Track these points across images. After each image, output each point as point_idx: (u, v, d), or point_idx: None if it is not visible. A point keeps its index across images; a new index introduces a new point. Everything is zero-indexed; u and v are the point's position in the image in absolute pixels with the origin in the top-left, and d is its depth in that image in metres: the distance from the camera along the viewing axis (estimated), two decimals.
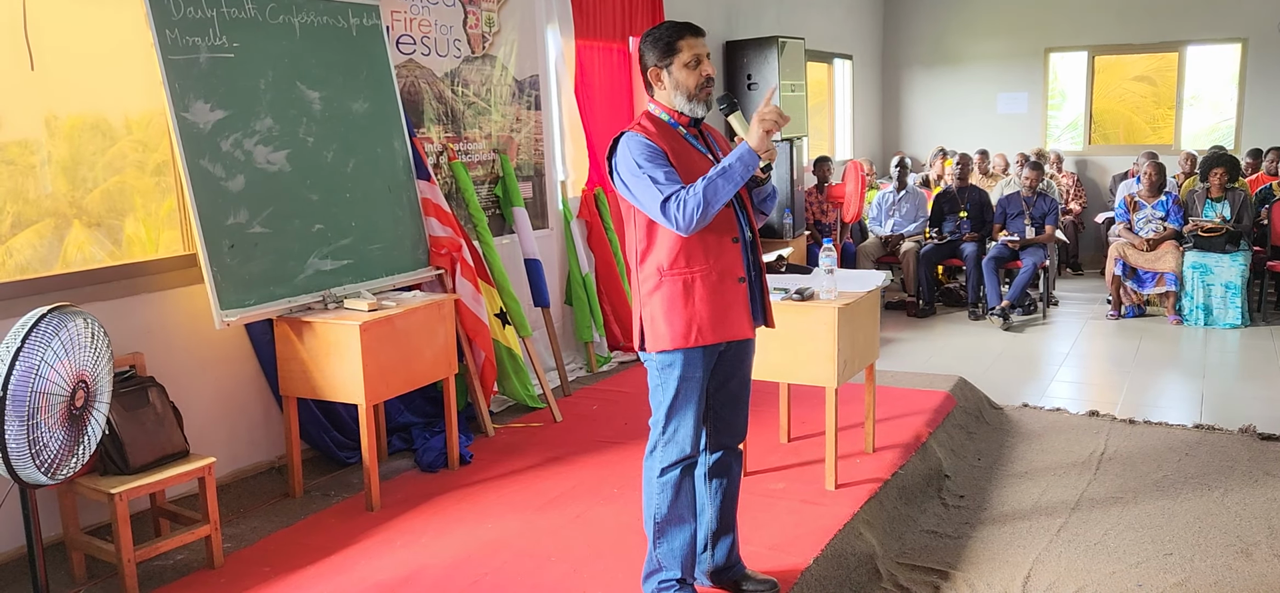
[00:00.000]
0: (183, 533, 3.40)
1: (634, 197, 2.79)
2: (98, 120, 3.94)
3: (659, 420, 2.90)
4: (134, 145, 4.05)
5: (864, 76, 10.73)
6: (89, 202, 3.91)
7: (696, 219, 2.69)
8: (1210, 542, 3.71)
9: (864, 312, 4.02)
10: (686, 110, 2.87)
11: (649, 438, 2.95)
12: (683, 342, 2.81)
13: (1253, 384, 5.83)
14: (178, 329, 3.93)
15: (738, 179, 2.70)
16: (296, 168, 4.05)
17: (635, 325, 2.91)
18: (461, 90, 5.16)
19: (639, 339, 2.90)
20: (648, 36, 2.88)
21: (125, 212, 4.02)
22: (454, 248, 4.64)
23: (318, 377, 3.88)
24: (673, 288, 2.81)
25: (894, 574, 3.52)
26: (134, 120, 4.02)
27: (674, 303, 2.81)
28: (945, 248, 8.09)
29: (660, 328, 2.82)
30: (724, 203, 2.71)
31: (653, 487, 2.94)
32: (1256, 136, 9.40)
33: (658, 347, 2.83)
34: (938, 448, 4.52)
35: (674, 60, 2.83)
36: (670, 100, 2.87)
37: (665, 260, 2.82)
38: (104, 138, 3.96)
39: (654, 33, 2.88)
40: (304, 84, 4.11)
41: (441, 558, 3.44)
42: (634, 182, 2.77)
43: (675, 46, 2.83)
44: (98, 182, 3.93)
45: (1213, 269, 7.23)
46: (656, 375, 2.88)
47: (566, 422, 4.98)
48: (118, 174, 4.01)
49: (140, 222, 4.07)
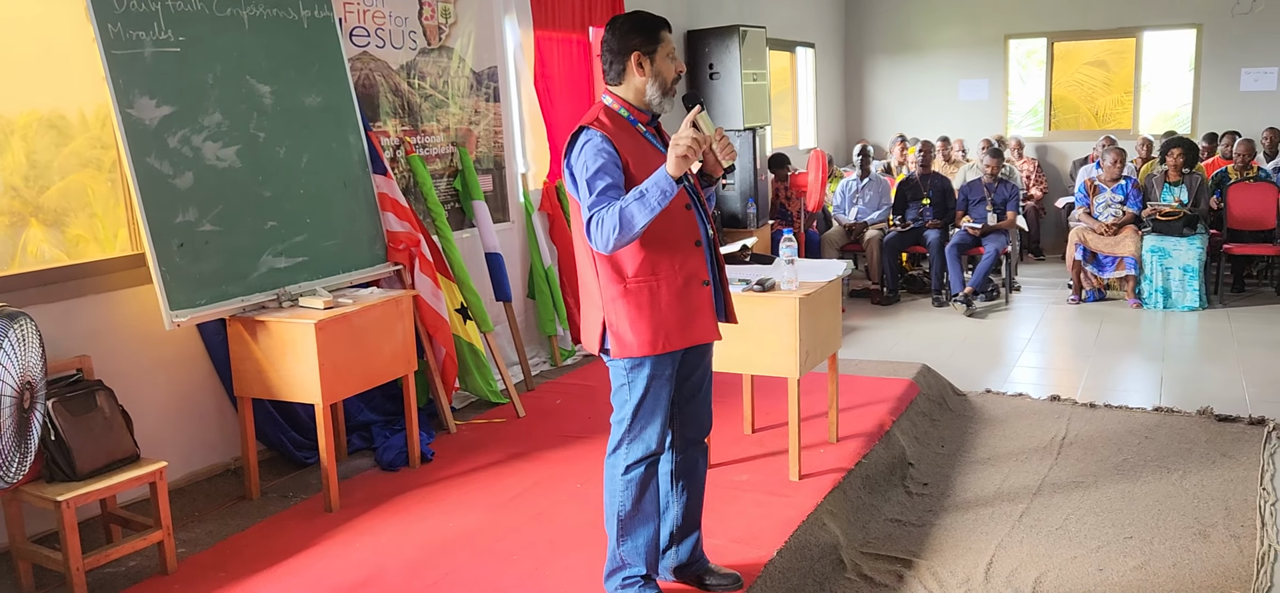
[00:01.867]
0: (134, 539, 3.32)
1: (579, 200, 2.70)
2: (54, 117, 3.83)
3: (623, 419, 2.84)
4: (90, 142, 3.94)
5: (826, 65, 10.75)
6: (46, 200, 3.80)
7: (614, 242, 2.57)
8: (1169, 525, 3.74)
9: (825, 301, 4.01)
10: (656, 104, 2.78)
11: (611, 437, 2.89)
12: (650, 349, 2.74)
13: (1210, 366, 5.90)
14: (126, 331, 3.83)
15: (654, 206, 2.53)
16: (247, 164, 3.96)
17: (593, 328, 2.82)
18: (418, 83, 5.08)
19: (599, 343, 2.81)
20: (631, 20, 2.75)
21: (82, 209, 3.92)
22: (412, 243, 4.57)
23: (273, 377, 3.80)
24: (639, 296, 2.73)
25: (858, 564, 3.51)
26: (90, 117, 3.90)
27: (640, 310, 2.73)
28: (908, 235, 8.12)
29: (627, 336, 2.74)
30: (642, 228, 2.56)
31: (617, 484, 2.89)
32: (1211, 121, 9.53)
33: (624, 354, 2.75)
34: (901, 436, 4.52)
35: (658, 48, 2.74)
36: (638, 92, 2.76)
37: (630, 267, 2.72)
38: (60, 135, 3.85)
39: (639, 16, 2.76)
40: (254, 78, 4.02)
41: (401, 559, 3.39)
42: (579, 187, 2.68)
43: (660, 35, 2.74)
44: (54, 179, 3.83)
45: (1171, 253, 7.32)
46: (623, 377, 2.81)
47: (529, 417, 4.93)
48: (74, 171, 3.90)
49: (98, 220, 3.97)
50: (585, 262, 2.81)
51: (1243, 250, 7.73)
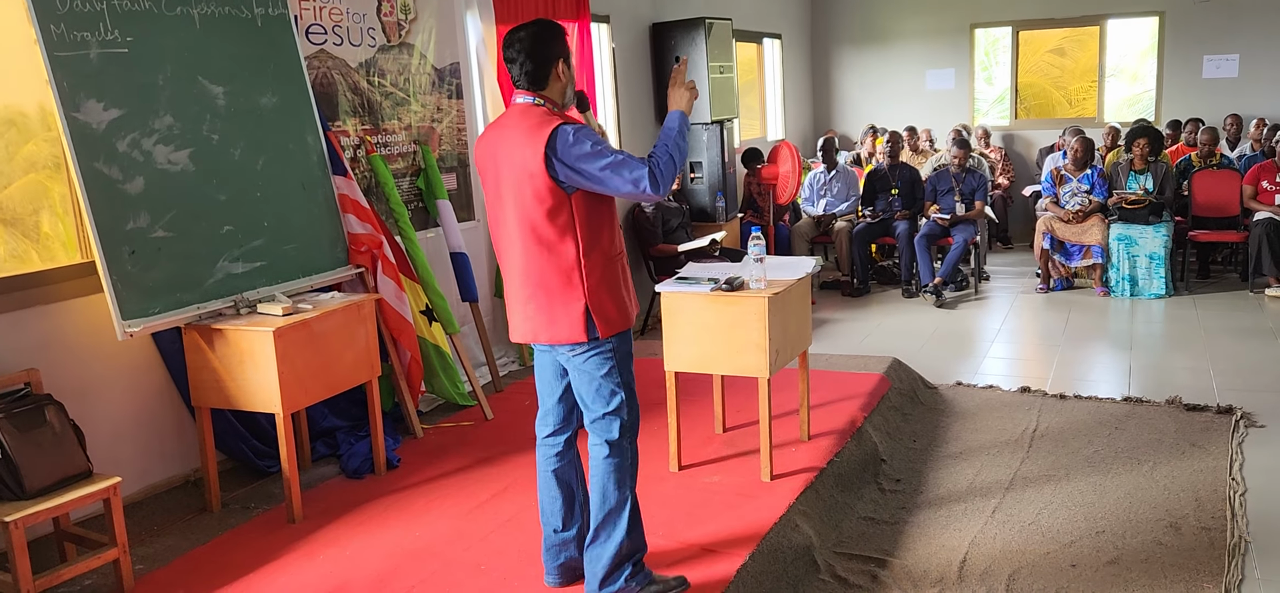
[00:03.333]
0: (88, 558, 3.22)
1: (594, 179, 2.75)
2: (12, 114, 3.69)
3: (619, 397, 2.93)
4: (51, 142, 3.79)
5: (793, 55, 10.71)
6: (4, 199, 3.66)
7: (672, 180, 2.81)
8: (1141, 518, 3.73)
9: (795, 299, 3.96)
10: (564, 106, 2.95)
11: (605, 427, 2.93)
12: (628, 321, 2.94)
13: (1178, 355, 5.93)
14: (77, 342, 3.71)
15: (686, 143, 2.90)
16: (201, 167, 3.84)
17: (571, 318, 2.84)
18: (378, 80, 4.97)
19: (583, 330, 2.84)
20: (552, 29, 2.91)
21: (40, 210, 3.78)
22: (374, 245, 4.48)
23: (231, 386, 3.70)
24: (612, 271, 2.89)
25: (832, 565, 3.47)
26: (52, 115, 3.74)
27: (615, 286, 2.89)
28: (877, 227, 8.11)
29: (610, 314, 2.87)
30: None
31: (626, 468, 2.96)
32: (1174, 108, 9.60)
33: (610, 331, 2.88)
34: (873, 432, 4.49)
35: (569, 57, 2.95)
36: (560, 94, 2.92)
37: (606, 245, 2.88)
38: (18, 133, 3.71)
39: (556, 26, 2.93)
40: (206, 78, 3.90)
41: (367, 571, 3.30)
42: (596, 163, 2.73)
43: (568, 45, 2.97)
44: (12, 177, 3.69)
45: (1137, 241, 7.35)
46: (608, 360, 2.91)
47: (498, 419, 4.86)
48: (31, 171, 3.76)
49: (59, 220, 3.83)
50: (558, 254, 2.83)
51: (1208, 238, 7.78)
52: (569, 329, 2.86)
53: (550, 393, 3.08)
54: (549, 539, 3.13)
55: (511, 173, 2.83)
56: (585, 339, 2.86)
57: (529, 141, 2.78)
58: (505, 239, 2.94)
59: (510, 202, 2.86)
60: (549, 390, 3.08)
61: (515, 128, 2.85)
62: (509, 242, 2.92)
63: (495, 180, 2.91)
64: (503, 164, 2.87)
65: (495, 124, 3.01)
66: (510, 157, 2.84)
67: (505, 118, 2.95)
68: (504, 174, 2.86)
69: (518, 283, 2.91)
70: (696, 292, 3.75)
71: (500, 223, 2.95)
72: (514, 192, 2.83)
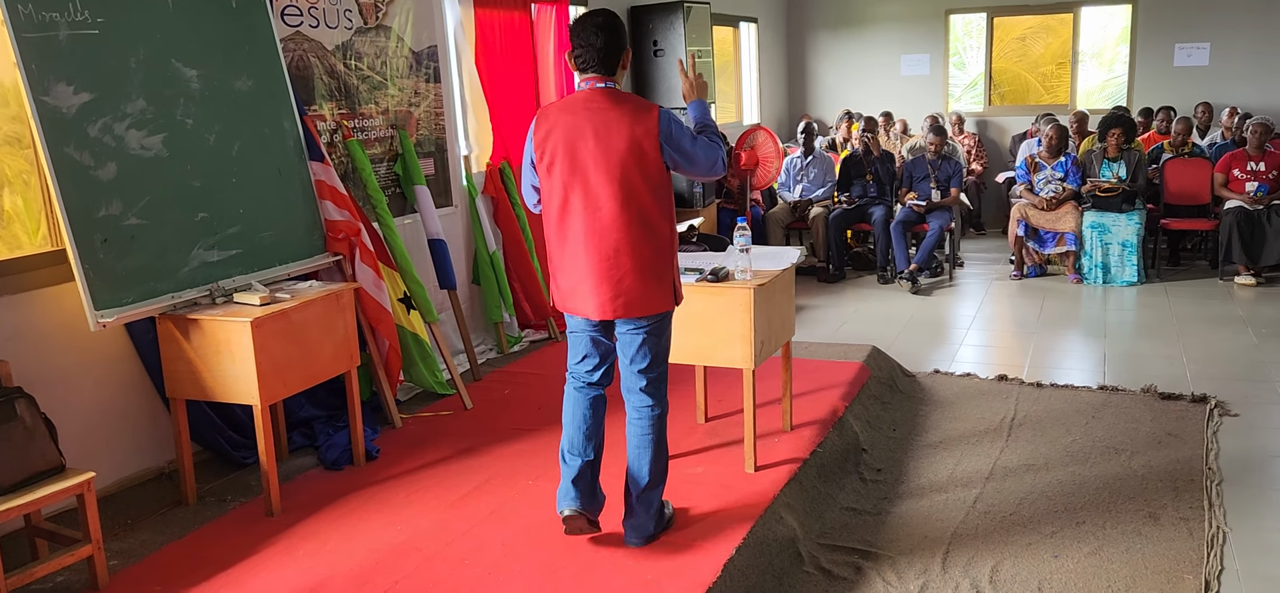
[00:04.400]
0: (61, 555, 3.14)
1: (689, 157, 3.10)
2: None
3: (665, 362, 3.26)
4: (8, 119, 3.68)
5: (769, 40, 10.68)
6: None
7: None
8: (1120, 508, 3.77)
9: (779, 290, 3.95)
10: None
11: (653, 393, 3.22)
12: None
13: (1151, 342, 5.99)
14: (48, 333, 3.62)
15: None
16: (175, 153, 3.75)
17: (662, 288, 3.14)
18: (355, 64, 4.88)
19: (672, 300, 3.20)
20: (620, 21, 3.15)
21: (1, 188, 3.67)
22: (352, 232, 4.40)
23: (207, 377, 3.63)
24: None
25: (816, 556, 3.47)
26: (8, 90, 3.64)
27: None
28: (854, 213, 8.12)
29: (680, 284, 3.27)
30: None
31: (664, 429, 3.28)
32: (1146, 96, 9.69)
33: (680, 300, 3.27)
34: (854, 421, 4.50)
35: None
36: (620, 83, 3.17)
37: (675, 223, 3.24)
38: None
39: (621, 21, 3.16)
40: (180, 61, 3.81)
41: (347, 566, 3.25)
42: (693, 143, 3.11)
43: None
44: None
45: (1110, 228, 7.42)
46: (666, 327, 3.25)
47: (477, 408, 4.81)
48: None
49: (20, 201, 3.72)
50: (658, 231, 3.11)
51: (1180, 226, 7.87)
52: (661, 300, 3.15)
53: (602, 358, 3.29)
54: (578, 469, 3.26)
55: (614, 152, 3.01)
56: (672, 307, 3.21)
57: (638, 121, 3.02)
58: (588, 220, 3.07)
59: (607, 181, 3.03)
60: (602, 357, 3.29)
61: (611, 108, 3.04)
62: (595, 222, 3.06)
63: (574, 157, 3.05)
64: (597, 141, 3.02)
65: (570, 104, 3.11)
66: (608, 136, 3.01)
67: (587, 98, 3.09)
68: (597, 152, 3.02)
69: (607, 260, 3.07)
70: (681, 282, 3.71)
71: (576, 204, 3.08)
72: (618, 170, 3.02)
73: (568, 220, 3.11)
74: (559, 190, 3.10)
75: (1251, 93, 9.30)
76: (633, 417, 3.26)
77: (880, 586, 3.30)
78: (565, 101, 3.16)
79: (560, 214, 3.13)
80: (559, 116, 3.10)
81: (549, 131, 3.10)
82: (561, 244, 3.16)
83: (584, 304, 3.14)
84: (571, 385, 3.32)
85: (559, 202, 3.12)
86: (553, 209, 3.15)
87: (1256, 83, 9.33)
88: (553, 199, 3.13)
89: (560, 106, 3.14)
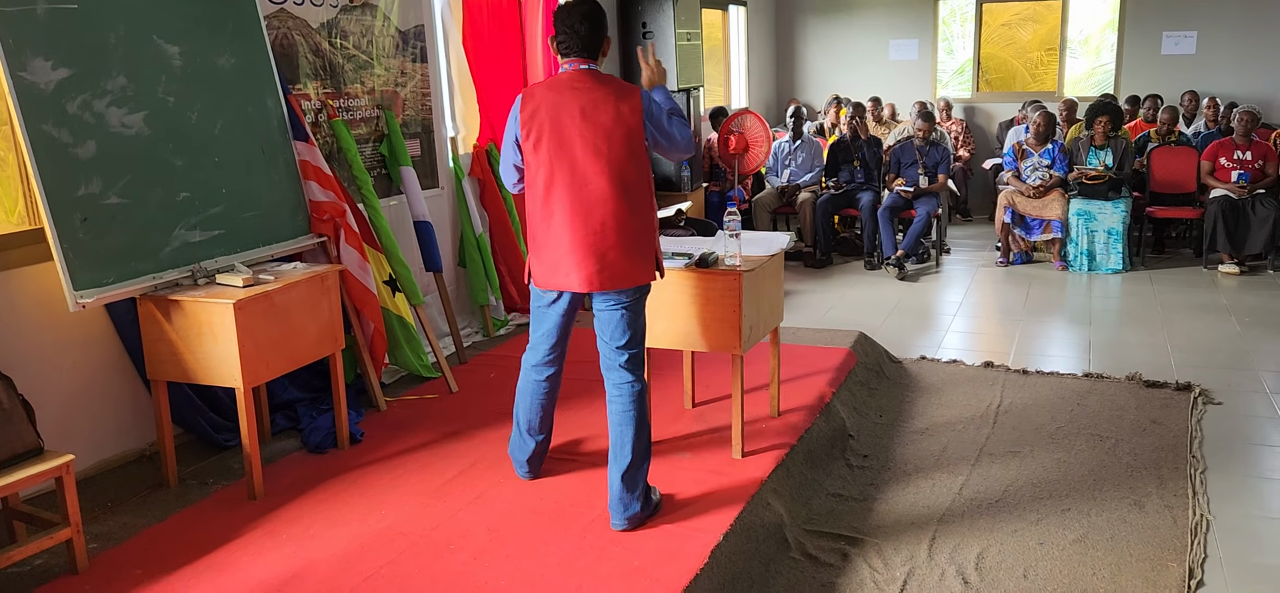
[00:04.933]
0: (40, 538, 3.09)
1: (666, 134, 3.28)
2: None
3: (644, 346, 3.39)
4: None
5: (758, 23, 10.64)
6: None
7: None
8: (1105, 495, 3.78)
9: (768, 275, 3.93)
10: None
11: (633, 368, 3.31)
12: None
13: (1136, 330, 6.01)
14: (25, 314, 3.56)
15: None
16: (156, 131, 3.69)
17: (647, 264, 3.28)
18: (340, 42, 4.82)
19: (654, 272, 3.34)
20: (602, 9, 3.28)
21: None
22: (337, 213, 4.35)
23: (189, 359, 3.58)
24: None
25: (803, 542, 3.47)
26: None
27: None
28: (841, 198, 8.11)
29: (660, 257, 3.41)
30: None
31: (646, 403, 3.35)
32: (1133, 84, 9.70)
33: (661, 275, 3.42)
34: (841, 407, 4.49)
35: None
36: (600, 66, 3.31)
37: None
38: None
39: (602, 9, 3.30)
40: (161, 37, 3.74)
41: (331, 551, 3.22)
42: (670, 121, 3.29)
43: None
44: None
45: (1096, 216, 7.43)
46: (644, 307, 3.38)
47: (463, 392, 4.78)
48: None
49: None
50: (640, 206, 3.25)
51: (1165, 214, 7.90)
52: (645, 272, 3.28)
53: (559, 338, 3.44)
54: (524, 441, 3.58)
55: (600, 129, 3.16)
56: (653, 280, 3.35)
57: (622, 99, 3.18)
58: (574, 194, 3.18)
59: (593, 157, 3.16)
60: (560, 336, 3.43)
61: (596, 88, 3.19)
62: (582, 196, 3.17)
63: (561, 135, 3.18)
64: (584, 119, 3.16)
65: (556, 84, 3.24)
66: (595, 114, 3.16)
67: (572, 79, 3.23)
68: (583, 130, 3.16)
69: (594, 233, 3.18)
70: (670, 267, 3.69)
71: (561, 179, 3.19)
72: (604, 146, 3.16)
73: (554, 196, 3.20)
74: (545, 166, 3.20)
75: (1237, 82, 9.34)
76: (614, 395, 3.32)
77: (866, 572, 3.30)
78: (550, 81, 3.27)
79: (546, 190, 3.21)
80: (545, 95, 3.21)
81: (536, 110, 3.20)
82: (547, 220, 3.23)
83: (568, 278, 3.23)
84: (530, 373, 3.51)
85: (545, 178, 3.21)
86: (538, 186, 3.23)
87: (1242, 72, 9.36)
88: (539, 176, 3.22)
89: (546, 86, 3.25)
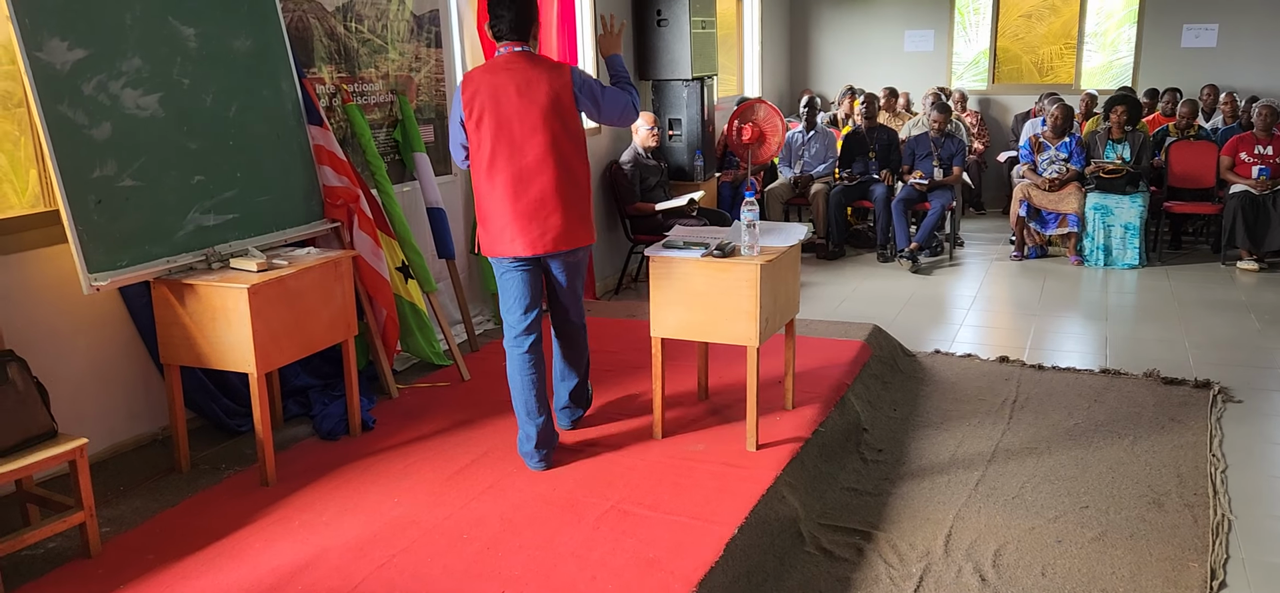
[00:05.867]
0: (53, 521, 3.09)
1: (603, 107, 3.61)
2: None
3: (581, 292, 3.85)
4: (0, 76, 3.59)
5: (773, 12, 10.57)
6: None
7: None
8: (1124, 493, 3.74)
9: (785, 267, 3.89)
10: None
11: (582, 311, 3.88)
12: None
13: (1153, 326, 5.96)
14: (40, 296, 3.55)
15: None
16: (171, 113, 3.67)
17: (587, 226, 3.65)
18: (355, 26, 4.79)
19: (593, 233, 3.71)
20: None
21: None
22: (351, 198, 4.33)
23: (202, 344, 3.57)
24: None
25: (817, 537, 3.44)
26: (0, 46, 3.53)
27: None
28: (855, 189, 8.05)
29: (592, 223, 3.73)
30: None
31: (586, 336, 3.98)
32: (1152, 77, 9.61)
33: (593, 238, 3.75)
34: (855, 400, 4.46)
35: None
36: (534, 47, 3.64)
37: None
38: None
39: None
40: (177, 19, 3.72)
41: (344, 539, 3.21)
42: (603, 91, 3.61)
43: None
44: None
45: (1113, 211, 7.37)
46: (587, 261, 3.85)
47: (475, 379, 4.76)
48: None
49: (4, 159, 3.63)
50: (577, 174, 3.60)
51: (1183, 209, 7.82)
52: (584, 235, 3.64)
53: (532, 301, 3.67)
54: (529, 428, 3.66)
55: (535, 106, 3.47)
56: (592, 240, 3.70)
57: (555, 77, 3.50)
58: (514, 167, 3.50)
59: (529, 132, 3.48)
60: (532, 299, 3.67)
61: (529, 69, 3.51)
62: (520, 168, 3.49)
63: (499, 113, 3.48)
64: (520, 97, 3.47)
65: (493, 67, 3.55)
66: (531, 91, 3.47)
67: (507, 61, 3.53)
68: (520, 107, 3.47)
69: (533, 202, 3.51)
70: (687, 257, 3.66)
71: (502, 154, 3.50)
72: (539, 122, 3.48)
73: (496, 169, 3.53)
74: (488, 143, 3.52)
75: (1258, 75, 9.23)
76: (568, 341, 3.89)
77: (882, 567, 3.27)
78: (488, 65, 3.59)
79: (490, 164, 3.53)
80: (484, 78, 3.53)
81: (475, 92, 3.52)
82: (491, 191, 3.55)
83: (513, 244, 3.55)
84: (513, 349, 3.69)
85: (488, 153, 3.53)
86: (482, 161, 3.55)
87: (1264, 65, 9.25)
88: (482, 151, 3.54)
89: (485, 69, 3.58)
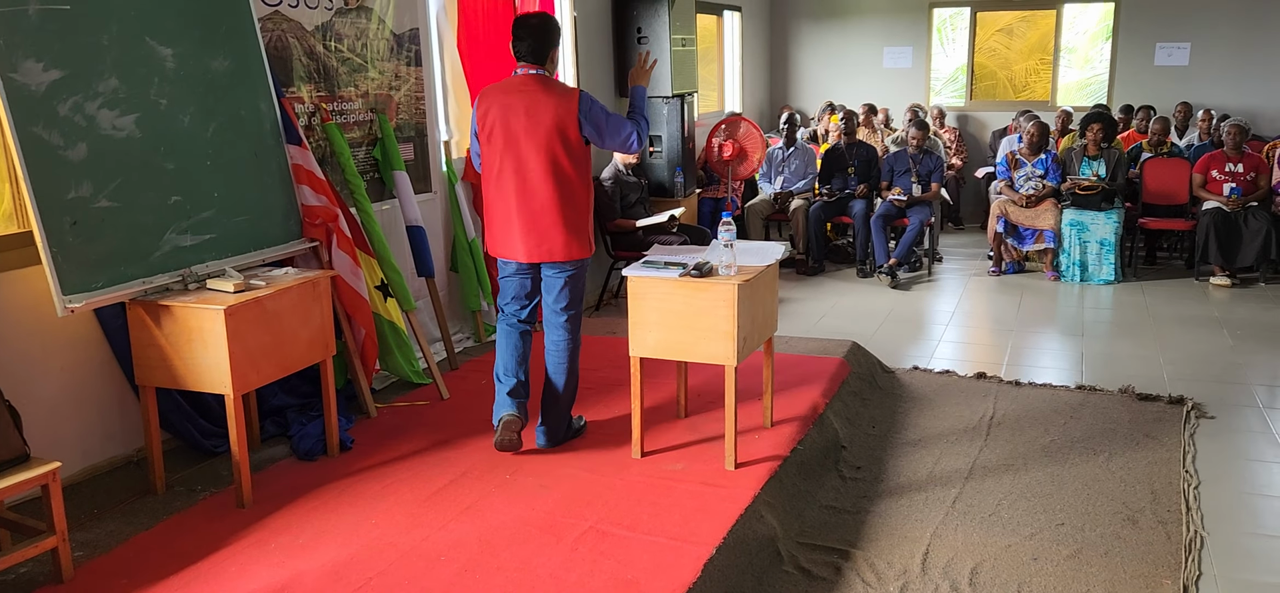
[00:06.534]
0: (25, 546, 3.05)
1: (603, 130, 3.81)
2: None
3: (581, 310, 3.99)
4: None
5: (753, 29, 10.63)
6: None
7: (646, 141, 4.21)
8: (1099, 510, 3.77)
9: (763, 285, 3.91)
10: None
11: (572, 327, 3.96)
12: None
13: (1128, 342, 6.02)
14: (13, 318, 3.52)
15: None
16: (148, 133, 3.65)
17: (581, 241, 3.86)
18: (334, 45, 4.78)
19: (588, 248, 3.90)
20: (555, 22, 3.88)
21: None
22: (329, 217, 4.32)
23: (179, 365, 3.54)
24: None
25: (795, 556, 3.45)
26: None
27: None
28: (834, 205, 8.10)
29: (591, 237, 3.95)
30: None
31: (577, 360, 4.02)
32: (1126, 94, 9.72)
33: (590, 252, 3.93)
34: (834, 418, 4.48)
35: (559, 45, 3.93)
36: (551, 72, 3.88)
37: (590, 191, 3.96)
38: None
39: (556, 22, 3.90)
40: (154, 39, 3.71)
41: (320, 562, 3.19)
42: (607, 119, 3.82)
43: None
44: None
45: (1089, 227, 7.44)
46: (584, 278, 3.98)
47: (454, 398, 4.75)
48: None
49: None
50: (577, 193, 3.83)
51: (1158, 225, 7.91)
52: (579, 249, 3.86)
53: (527, 300, 4.00)
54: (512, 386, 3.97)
55: (541, 127, 3.73)
56: (588, 255, 3.91)
57: (562, 102, 3.73)
58: (519, 182, 3.78)
59: (534, 151, 3.75)
60: (528, 297, 4.00)
61: (539, 92, 3.75)
62: (524, 184, 3.78)
63: (508, 131, 3.77)
64: (528, 118, 3.74)
65: (507, 86, 3.83)
66: (538, 113, 3.73)
67: (521, 83, 3.80)
68: (527, 126, 3.74)
69: (533, 215, 3.79)
70: (664, 277, 3.68)
71: (509, 168, 3.79)
72: (544, 142, 3.73)
73: (503, 181, 3.82)
74: (496, 157, 3.82)
75: (1230, 94, 9.36)
76: (551, 349, 3.97)
77: (860, 586, 3.28)
78: (503, 84, 3.86)
79: (497, 176, 3.84)
80: (497, 96, 3.82)
81: (489, 109, 3.82)
82: (498, 201, 3.86)
83: (513, 250, 3.87)
84: (503, 323, 4.03)
85: (497, 166, 3.83)
86: (491, 172, 3.86)
87: (1235, 84, 9.39)
88: (491, 164, 3.85)
89: (499, 88, 3.85)
